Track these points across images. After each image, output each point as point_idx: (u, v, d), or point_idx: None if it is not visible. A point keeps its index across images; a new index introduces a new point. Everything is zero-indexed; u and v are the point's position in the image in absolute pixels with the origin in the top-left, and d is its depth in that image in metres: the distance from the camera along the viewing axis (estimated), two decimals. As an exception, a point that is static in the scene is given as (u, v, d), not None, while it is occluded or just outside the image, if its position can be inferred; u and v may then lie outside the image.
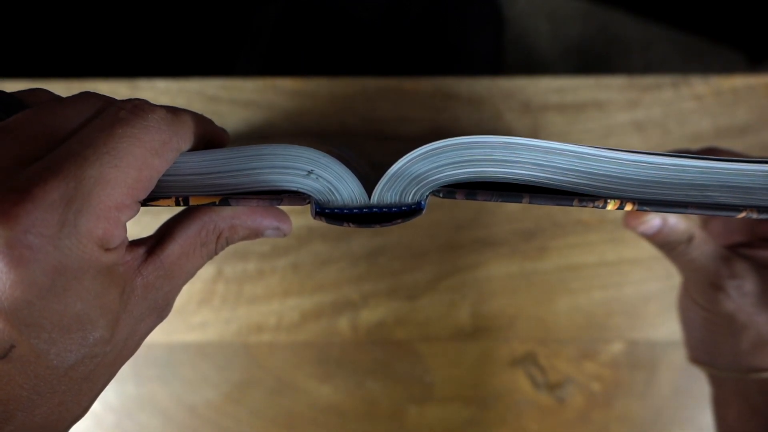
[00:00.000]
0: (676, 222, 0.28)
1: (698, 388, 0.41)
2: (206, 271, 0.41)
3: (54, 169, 0.17)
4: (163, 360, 0.41)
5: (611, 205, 0.21)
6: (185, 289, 0.41)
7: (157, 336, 0.41)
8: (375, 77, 0.42)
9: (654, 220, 0.28)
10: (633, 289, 0.41)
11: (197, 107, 0.42)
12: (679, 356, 0.41)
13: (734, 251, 0.30)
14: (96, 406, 0.41)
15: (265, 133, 0.42)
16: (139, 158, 0.18)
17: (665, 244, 0.29)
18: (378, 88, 0.42)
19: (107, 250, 0.18)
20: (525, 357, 0.41)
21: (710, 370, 0.33)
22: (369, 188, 0.22)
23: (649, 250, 0.41)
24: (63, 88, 0.42)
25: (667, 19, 1.00)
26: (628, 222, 0.29)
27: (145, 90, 0.42)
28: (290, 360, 0.41)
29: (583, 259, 0.42)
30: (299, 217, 0.41)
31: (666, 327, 0.41)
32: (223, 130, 0.25)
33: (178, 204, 0.21)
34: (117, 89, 0.42)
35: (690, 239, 0.29)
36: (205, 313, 0.41)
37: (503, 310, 0.41)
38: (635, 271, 0.41)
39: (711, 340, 0.31)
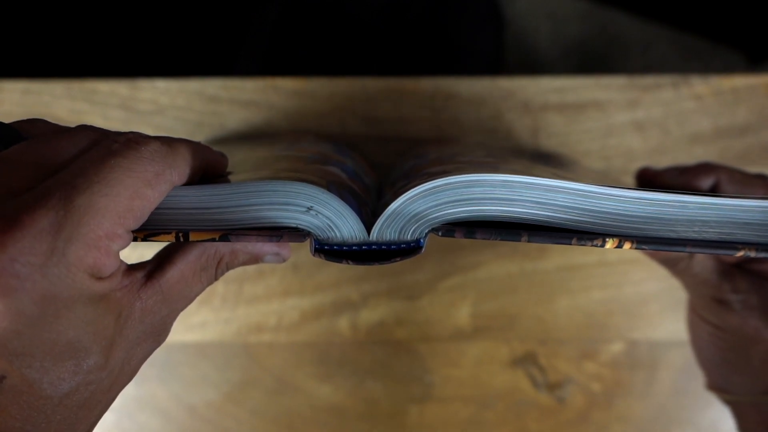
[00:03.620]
0: None
1: (698, 388, 0.41)
2: (206, 271, 0.41)
3: (44, 198, 0.17)
4: (162, 360, 0.41)
5: (609, 244, 0.21)
6: (185, 289, 0.41)
7: (157, 336, 0.41)
8: (375, 77, 0.42)
9: None
10: (633, 289, 0.41)
11: (197, 107, 0.42)
12: (679, 356, 0.41)
13: (736, 266, 0.30)
14: (96, 406, 0.41)
15: (266, 132, 0.42)
16: (131, 188, 0.18)
17: (667, 260, 0.30)
18: (378, 88, 0.42)
19: (99, 278, 0.18)
20: (525, 357, 0.41)
21: (728, 397, 0.32)
22: (368, 224, 0.22)
23: (649, 250, 0.41)
24: (63, 88, 0.42)
25: (667, 19, 1.00)
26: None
27: (145, 90, 0.42)
28: (290, 360, 0.41)
29: (583, 259, 0.41)
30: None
31: (666, 327, 0.41)
32: (221, 155, 0.25)
33: (178, 240, 0.21)
34: (117, 89, 0.42)
35: (691, 255, 0.29)
36: (205, 313, 0.41)
37: (503, 310, 0.41)
38: (635, 271, 0.41)
39: (723, 359, 0.31)
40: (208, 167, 0.23)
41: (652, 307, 0.41)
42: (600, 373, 0.41)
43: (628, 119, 0.42)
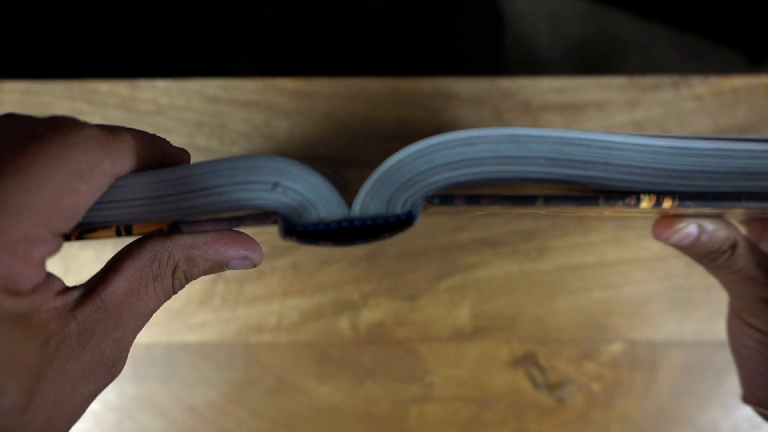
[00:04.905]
0: (716, 228, 0.24)
1: (698, 388, 0.41)
2: (206, 271, 0.41)
3: None
4: (163, 360, 0.41)
5: (645, 202, 0.17)
6: (185, 289, 0.41)
7: (157, 336, 0.41)
8: (375, 77, 0.42)
9: (689, 228, 0.24)
10: (633, 289, 0.41)
11: (197, 107, 0.42)
12: (679, 356, 0.41)
13: None
14: (96, 406, 0.41)
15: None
16: (59, 181, 0.15)
17: (705, 255, 0.25)
18: (378, 88, 0.42)
19: (16, 294, 0.15)
20: (525, 357, 0.41)
21: None
22: (349, 199, 0.19)
23: (649, 250, 0.41)
24: (63, 88, 0.42)
25: (667, 19, 1.00)
26: (658, 232, 0.25)
27: (145, 90, 0.42)
28: (290, 360, 0.41)
29: (583, 259, 0.42)
30: (299, 217, 0.41)
31: (666, 327, 0.41)
32: (182, 151, 0.21)
33: (119, 234, 0.18)
34: (117, 89, 0.42)
35: (733, 247, 0.24)
36: (205, 313, 0.41)
37: (503, 310, 0.41)
38: (635, 271, 0.41)
39: None
40: (165, 162, 0.19)
41: (652, 307, 0.41)
42: (600, 373, 0.41)
43: (628, 119, 0.42)
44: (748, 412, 0.41)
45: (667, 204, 0.17)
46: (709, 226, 0.24)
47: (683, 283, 0.41)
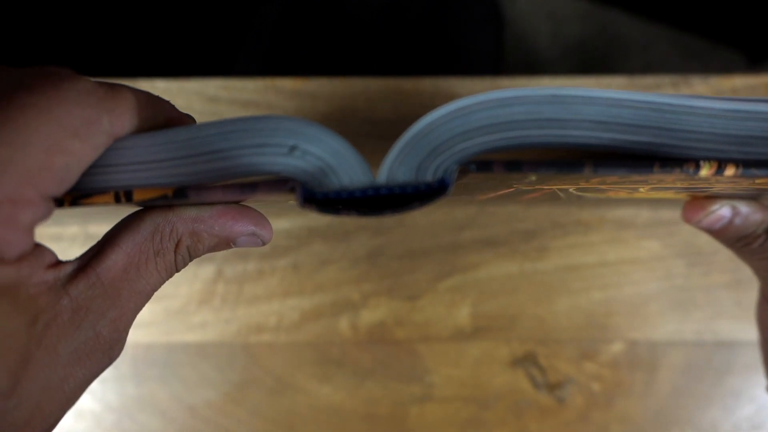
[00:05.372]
0: (751, 211, 0.23)
1: (698, 388, 0.41)
2: (206, 271, 0.41)
3: None
4: (163, 360, 0.41)
5: (705, 170, 0.16)
6: (185, 289, 0.42)
7: (157, 336, 0.41)
8: (375, 77, 0.42)
9: (722, 210, 0.23)
10: (633, 289, 0.41)
11: (197, 107, 0.42)
12: (679, 356, 0.41)
13: None
14: (96, 406, 0.41)
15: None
16: (49, 138, 0.13)
17: (737, 239, 0.24)
18: (378, 88, 0.42)
19: None
20: (525, 357, 0.41)
21: None
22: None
23: (649, 250, 0.41)
24: (63, 88, 0.42)
25: (667, 19, 1.00)
26: (688, 215, 0.24)
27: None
28: (290, 360, 0.41)
29: (583, 259, 0.42)
30: (299, 217, 0.41)
31: (666, 327, 0.41)
32: (187, 116, 0.19)
33: (118, 200, 0.16)
34: (117, 89, 0.42)
35: None
36: (205, 313, 0.41)
37: (503, 310, 0.41)
38: (635, 271, 0.41)
39: None
40: (168, 125, 0.17)
41: (652, 307, 0.41)
42: (600, 373, 0.41)
43: (628, 119, 0.42)
44: (748, 412, 0.41)
45: (729, 171, 0.16)
46: (744, 208, 0.23)
47: (683, 283, 0.41)
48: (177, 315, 0.41)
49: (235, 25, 0.71)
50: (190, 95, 0.42)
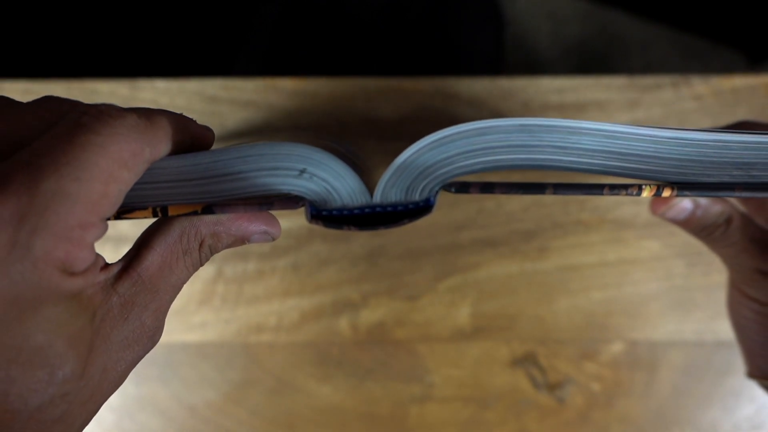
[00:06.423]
0: (710, 203, 0.25)
1: (698, 388, 0.41)
2: (206, 272, 0.41)
3: (2, 182, 0.14)
4: (163, 360, 0.41)
5: (647, 192, 0.19)
6: (185, 289, 0.41)
7: (157, 336, 0.41)
8: (375, 77, 0.42)
9: (683, 203, 0.25)
10: (633, 289, 0.41)
11: (197, 107, 0.42)
12: (679, 356, 0.41)
13: None
14: (96, 406, 0.41)
15: (262, 130, 0.42)
16: (105, 171, 0.16)
17: (701, 229, 0.26)
18: (378, 88, 0.42)
19: (72, 274, 0.16)
20: (525, 357, 0.41)
21: None
22: (371, 186, 0.20)
23: (649, 250, 0.41)
24: (63, 88, 0.42)
25: (667, 19, 1.00)
26: (654, 207, 0.26)
27: (145, 90, 0.42)
28: (290, 360, 0.41)
29: (583, 259, 0.41)
30: (299, 217, 0.41)
31: (666, 327, 0.41)
32: (207, 129, 0.22)
33: (155, 215, 0.19)
34: (117, 89, 0.42)
35: (728, 221, 0.26)
36: (205, 313, 0.41)
37: (503, 310, 0.41)
38: (635, 271, 0.41)
39: None
40: (194, 142, 0.21)
41: (652, 307, 0.41)
42: (600, 373, 0.41)
43: (628, 119, 0.42)
44: (748, 412, 0.41)
45: (666, 193, 0.19)
46: (704, 200, 0.25)
47: (683, 283, 0.41)
48: (177, 315, 0.41)
49: (235, 24, 0.71)
50: (190, 95, 0.42)
